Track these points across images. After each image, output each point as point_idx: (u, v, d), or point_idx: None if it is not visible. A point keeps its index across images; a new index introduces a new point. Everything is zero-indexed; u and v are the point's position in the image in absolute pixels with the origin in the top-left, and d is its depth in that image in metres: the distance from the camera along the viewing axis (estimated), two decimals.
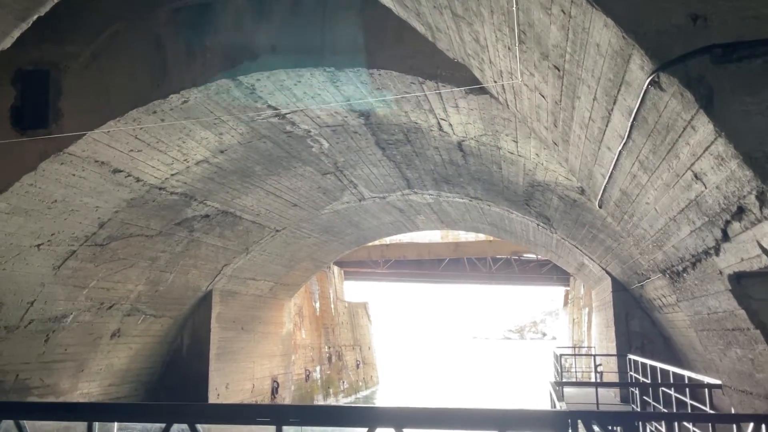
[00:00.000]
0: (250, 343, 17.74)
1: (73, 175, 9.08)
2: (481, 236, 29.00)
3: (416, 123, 9.74)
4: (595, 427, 3.79)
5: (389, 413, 4.05)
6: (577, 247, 14.30)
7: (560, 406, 4.04)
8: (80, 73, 8.64)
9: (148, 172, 10.10)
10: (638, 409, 9.81)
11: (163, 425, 4.22)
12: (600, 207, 5.05)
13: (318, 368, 27.06)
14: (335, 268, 32.83)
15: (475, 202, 14.81)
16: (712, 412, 6.67)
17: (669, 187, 3.31)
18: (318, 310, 28.25)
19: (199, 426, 4.21)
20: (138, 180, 10.14)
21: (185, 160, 10.26)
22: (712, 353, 4.33)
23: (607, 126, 3.43)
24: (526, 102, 4.57)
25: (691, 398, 7.65)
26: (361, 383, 34.44)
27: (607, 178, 4.13)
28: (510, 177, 11.28)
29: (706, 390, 6.76)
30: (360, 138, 10.88)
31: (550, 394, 5.32)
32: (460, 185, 13.45)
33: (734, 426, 3.94)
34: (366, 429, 3.94)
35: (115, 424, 4.52)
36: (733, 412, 5.59)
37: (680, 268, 4.11)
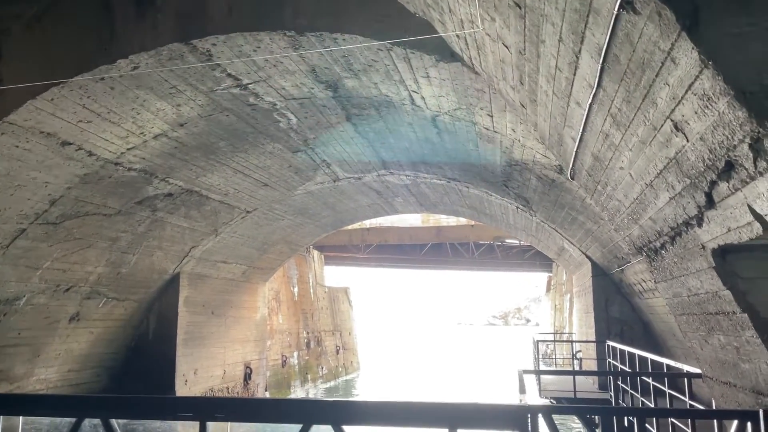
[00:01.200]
0: (221, 328, 17.21)
1: (17, 146, 8.44)
2: (463, 221, 28.59)
3: (387, 96, 9.20)
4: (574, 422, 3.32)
5: (328, 408, 3.56)
6: (557, 231, 13.88)
7: (522, 399, 3.57)
8: (22, 36, 7.98)
9: (102, 146, 9.48)
10: (614, 398, 9.45)
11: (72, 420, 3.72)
12: (572, 178, 4.58)
13: (296, 354, 26.61)
14: (315, 253, 32.30)
15: (454, 184, 14.33)
16: (691, 404, 6.26)
17: (645, 144, 2.82)
18: (296, 294, 27.75)
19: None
20: (90, 154, 9.52)
21: (142, 133, 9.65)
22: (692, 341, 3.89)
23: (575, 74, 2.94)
24: (490, 57, 4.05)
25: (671, 387, 7.25)
26: (341, 369, 34.06)
27: (577, 141, 3.64)
28: (487, 156, 10.79)
29: (686, 379, 6.35)
30: (329, 113, 10.32)
31: (519, 385, 4.90)
32: (437, 165, 12.95)
33: (715, 422, 3.49)
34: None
35: (20, 418, 3.99)
36: (714, 406, 5.17)
37: (658, 244, 3.64)
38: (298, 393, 26.21)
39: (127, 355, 14.73)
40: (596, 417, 13.68)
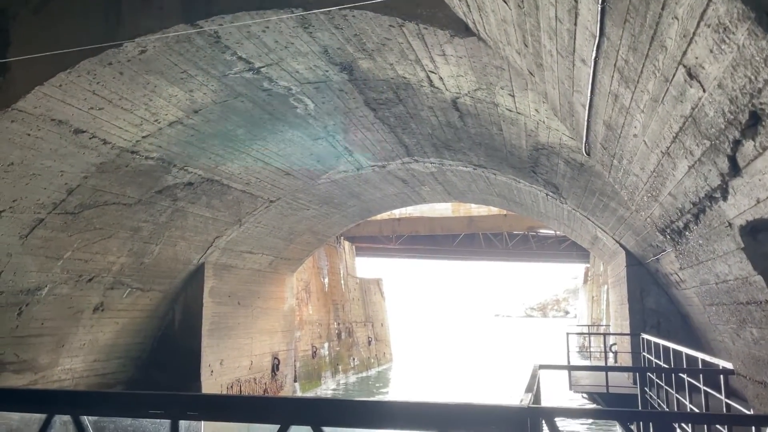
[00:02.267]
0: (248, 319, 17.13)
1: (28, 134, 8.35)
2: (494, 210, 27.99)
3: (404, 78, 8.82)
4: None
5: (307, 407, 3.23)
6: (588, 219, 13.30)
7: (525, 399, 3.18)
8: (29, 21, 7.87)
9: (116, 134, 9.35)
10: (641, 394, 8.92)
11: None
12: (588, 154, 4.16)
13: (326, 345, 26.52)
14: (346, 244, 32.15)
15: (480, 171, 13.86)
16: (727, 403, 5.76)
17: (657, 103, 2.41)
18: (327, 285, 27.63)
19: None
20: (105, 142, 9.40)
21: (156, 120, 9.49)
22: (722, 334, 3.44)
23: (576, 24, 2.54)
24: (491, 18, 3.66)
25: (706, 383, 6.73)
26: (373, 360, 33.91)
27: (587, 108, 3.22)
28: (512, 140, 10.32)
29: (721, 376, 5.84)
30: (347, 97, 9.99)
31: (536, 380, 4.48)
32: (462, 151, 12.51)
33: (753, 428, 3.04)
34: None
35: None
36: (750, 410, 4.69)
37: (681, 225, 3.21)
38: (329, 384, 26.12)
39: (153, 345, 14.75)
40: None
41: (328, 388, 25.88)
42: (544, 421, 2.83)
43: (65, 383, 12.25)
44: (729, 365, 5.65)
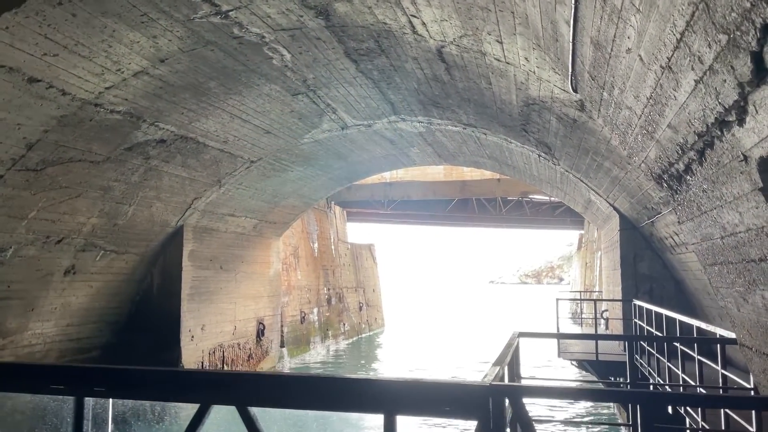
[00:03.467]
0: (231, 284, 16.69)
1: None
2: (487, 174, 27.41)
3: (385, 23, 8.16)
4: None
5: (231, 383, 2.72)
6: (582, 181, 12.76)
7: (490, 375, 2.68)
8: None
9: (75, 84, 8.69)
10: (641, 360, 8.53)
11: None
12: (575, 91, 3.60)
13: (315, 310, 26.20)
14: (337, 209, 31.62)
15: (470, 130, 13.26)
16: (723, 373, 5.31)
17: None
18: (316, 250, 27.19)
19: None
20: (64, 93, 8.75)
21: (119, 70, 8.82)
22: (726, 299, 2.94)
23: None
24: None
25: (701, 352, 6.28)
26: (364, 326, 33.73)
27: (572, 22, 2.66)
28: (502, 95, 9.71)
29: (719, 345, 5.37)
30: (325, 47, 9.33)
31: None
32: (450, 109, 11.89)
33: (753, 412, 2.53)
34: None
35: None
36: (751, 378, 4.22)
37: (681, 167, 2.68)
38: (318, 349, 25.89)
39: (131, 309, 14.30)
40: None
41: (317, 353, 25.64)
42: (508, 401, 2.33)
43: (36, 348, 11.81)
44: (728, 334, 5.20)
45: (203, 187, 13.81)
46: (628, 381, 5.25)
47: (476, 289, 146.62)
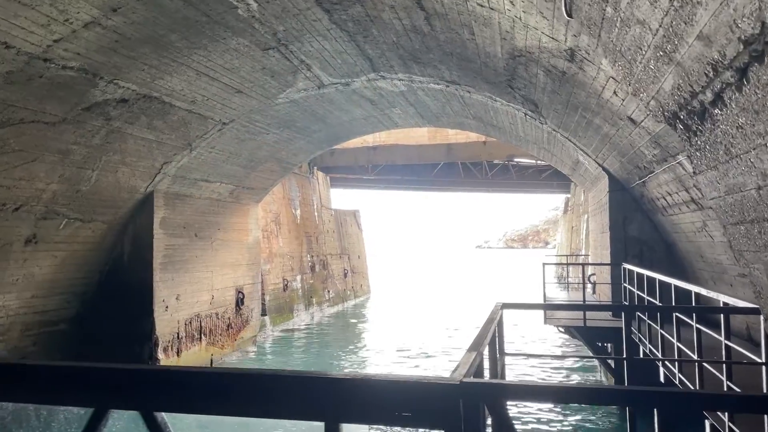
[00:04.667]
0: (207, 252, 16.08)
1: None
2: (473, 137, 26.76)
3: None
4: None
5: (134, 380, 2.14)
6: (570, 140, 12.19)
7: (463, 367, 2.11)
8: None
9: (19, 36, 7.91)
10: (632, 329, 8.08)
11: None
12: (569, 15, 3.00)
13: (299, 278, 25.72)
14: (320, 174, 30.92)
15: (454, 88, 12.58)
16: (726, 344, 4.84)
17: None
18: (298, 217, 26.58)
19: None
20: (8, 46, 7.96)
21: (67, 20, 8.02)
22: (753, 264, 2.41)
23: None
24: None
25: (699, 320, 5.81)
26: (349, 292, 33.38)
27: None
28: (486, 47, 9.03)
29: (722, 314, 4.87)
30: None
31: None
32: (432, 64, 11.20)
33: None
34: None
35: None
36: (762, 350, 3.73)
37: (708, 96, 2.11)
38: (302, 317, 25.50)
39: (101, 280, 13.68)
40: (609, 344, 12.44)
41: (301, 320, 25.26)
42: (486, 407, 1.78)
43: None
44: (732, 301, 4.72)
45: (172, 150, 13.07)
46: (624, 355, 4.76)
47: (463, 255, 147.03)
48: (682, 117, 2.54)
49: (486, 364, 5.03)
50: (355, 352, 19.99)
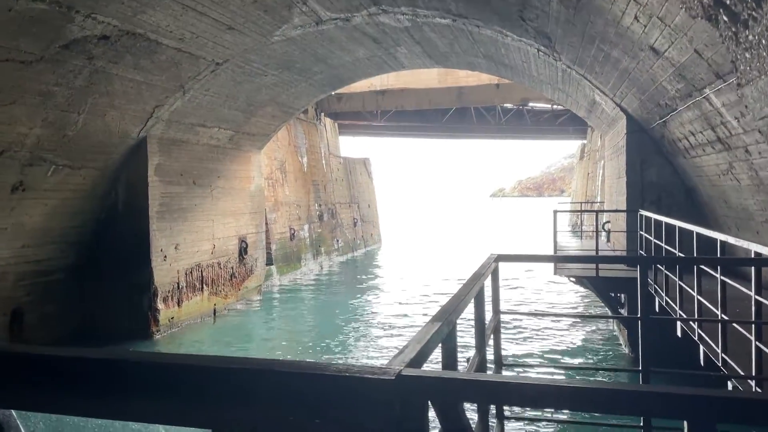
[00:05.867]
0: (206, 200, 15.59)
1: None
2: (485, 79, 25.67)
3: None
4: None
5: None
6: (586, 78, 11.35)
7: (402, 357, 1.52)
8: None
9: None
10: (648, 280, 7.51)
11: None
12: None
13: (306, 227, 25.31)
14: (327, 121, 30.11)
15: (461, 23, 11.70)
16: (756, 299, 4.24)
17: None
18: (305, 165, 25.96)
19: None
20: None
21: None
22: None
23: None
24: None
25: (723, 271, 5.19)
26: (359, 241, 33.03)
27: None
28: None
29: (755, 268, 4.25)
30: None
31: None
32: None
33: None
34: None
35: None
36: None
37: None
38: (310, 266, 25.20)
39: (96, 229, 13.27)
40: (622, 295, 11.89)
41: (309, 270, 24.97)
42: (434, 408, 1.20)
43: None
44: (766, 251, 4.10)
45: (164, 93, 12.41)
46: (638, 313, 4.19)
47: (477, 204, 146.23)
48: (729, 4, 1.88)
49: (470, 336, 4.41)
50: (362, 300, 19.67)
